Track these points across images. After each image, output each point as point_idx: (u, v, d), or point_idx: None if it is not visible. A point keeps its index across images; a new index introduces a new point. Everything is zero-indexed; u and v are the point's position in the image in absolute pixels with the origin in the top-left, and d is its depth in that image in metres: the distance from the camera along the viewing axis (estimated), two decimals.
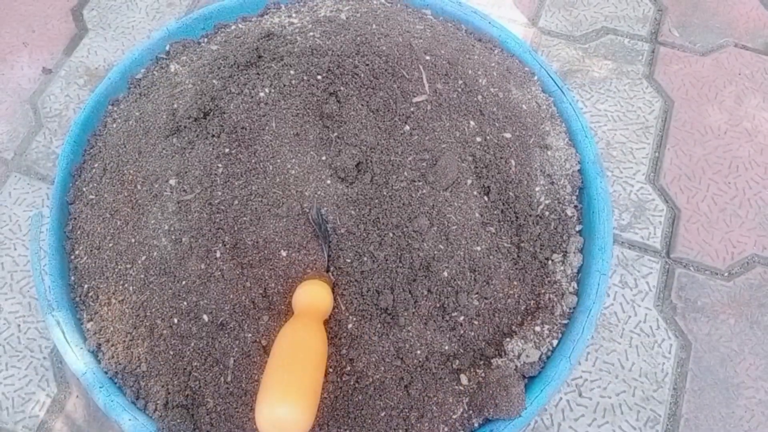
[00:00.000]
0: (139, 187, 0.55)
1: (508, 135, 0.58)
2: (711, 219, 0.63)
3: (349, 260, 0.50)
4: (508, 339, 0.51)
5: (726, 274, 0.61)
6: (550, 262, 0.55)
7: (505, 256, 0.54)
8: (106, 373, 0.51)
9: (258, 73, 0.57)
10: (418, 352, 0.49)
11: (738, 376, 0.56)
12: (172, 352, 0.49)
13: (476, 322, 0.51)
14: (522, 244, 0.55)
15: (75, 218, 0.59)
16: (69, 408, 0.55)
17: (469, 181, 0.55)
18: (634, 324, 0.58)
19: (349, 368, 0.48)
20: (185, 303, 0.50)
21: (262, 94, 0.55)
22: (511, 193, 0.56)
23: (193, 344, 0.49)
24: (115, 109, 0.65)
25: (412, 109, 0.55)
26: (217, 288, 0.50)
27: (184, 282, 0.50)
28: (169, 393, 0.49)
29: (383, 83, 0.56)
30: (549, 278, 0.54)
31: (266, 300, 0.49)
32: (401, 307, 0.49)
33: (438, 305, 0.50)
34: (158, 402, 0.49)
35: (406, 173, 0.53)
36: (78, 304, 0.55)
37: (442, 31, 0.65)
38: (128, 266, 0.52)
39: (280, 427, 0.39)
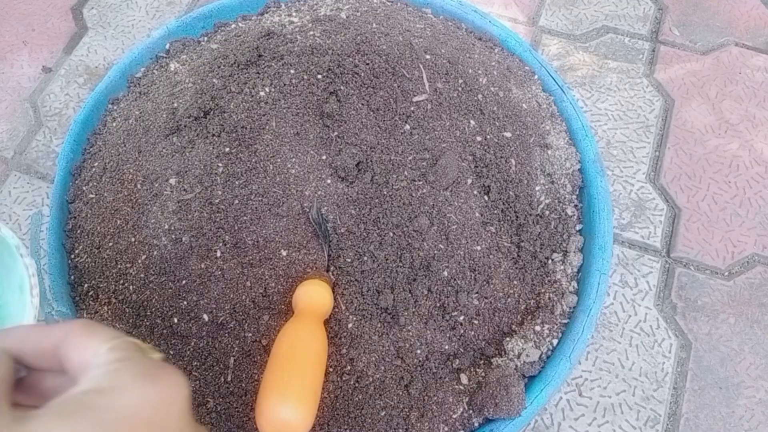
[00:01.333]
0: (139, 186, 0.55)
1: (508, 134, 0.58)
2: (711, 218, 0.63)
3: (349, 260, 0.50)
4: (508, 338, 0.51)
5: (726, 274, 0.61)
6: (550, 261, 0.55)
7: (505, 255, 0.54)
8: None
9: (258, 72, 0.57)
10: (418, 351, 0.49)
11: (738, 376, 0.56)
12: (172, 352, 0.49)
13: (476, 322, 0.51)
14: (522, 244, 0.55)
15: (75, 217, 0.58)
16: None
17: (470, 181, 0.55)
18: (635, 323, 0.58)
19: (349, 368, 0.48)
20: (185, 302, 0.50)
21: (262, 93, 0.55)
22: (511, 193, 0.56)
23: (193, 344, 0.49)
24: (115, 108, 0.65)
25: (412, 109, 0.55)
26: (217, 287, 0.50)
27: (184, 281, 0.50)
28: None
29: (383, 82, 0.56)
30: (549, 277, 0.54)
31: (266, 299, 0.49)
32: (401, 307, 0.49)
33: (438, 305, 0.50)
34: None
35: (406, 173, 0.53)
36: (78, 303, 0.55)
37: (443, 30, 0.65)
38: (128, 265, 0.52)
39: (280, 427, 0.39)
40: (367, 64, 0.56)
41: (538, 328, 0.52)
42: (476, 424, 0.49)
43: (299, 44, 0.57)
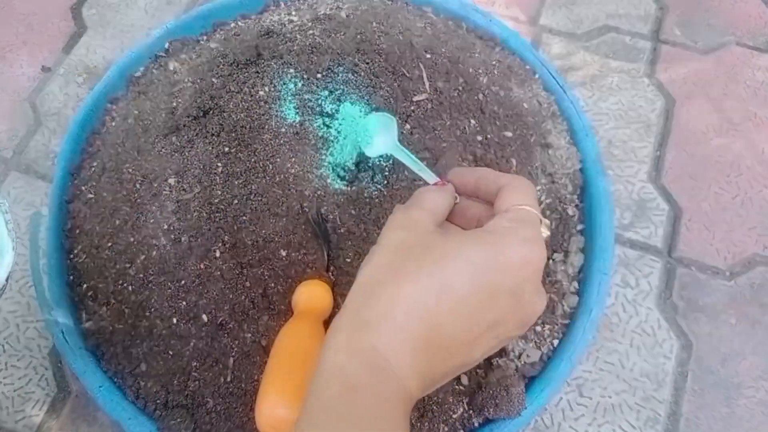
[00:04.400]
0: (138, 186, 0.55)
1: (509, 134, 0.58)
2: (712, 218, 0.63)
3: (349, 260, 0.50)
4: None
5: (728, 274, 0.60)
6: (551, 261, 0.55)
7: None
8: (105, 372, 0.50)
9: (258, 72, 0.57)
10: None
11: (739, 376, 0.56)
12: (171, 352, 0.49)
13: None
14: None
15: (74, 217, 0.58)
16: (68, 408, 0.55)
17: None
18: (636, 324, 0.58)
19: None
20: (184, 303, 0.50)
21: (261, 93, 0.55)
22: None
23: (192, 344, 0.49)
24: (114, 107, 0.65)
25: (412, 108, 0.55)
26: (217, 288, 0.49)
27: (183, 281, 0.50)
28: (169, 393, 0.49)
29: (383, 82, 0.55)
30: (550, 278, 0.54)
31: (266, 300, 0.49)
32: None
33: None
34: (158, 402, 0.49)
35: (406, 172, 0.53)
36: (77, 303, 0.55)
37: (443, 29, 0.65)
38: (127, 266, 0.52)
39: (280, 427, 0.38)
40: (367, 63, 0.56)
41: (538, 328, 0.52)
42: (476, 425, 0.49)
43: (299, 43, 0.57)
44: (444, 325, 0.29)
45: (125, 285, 0.52)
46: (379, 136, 0.48)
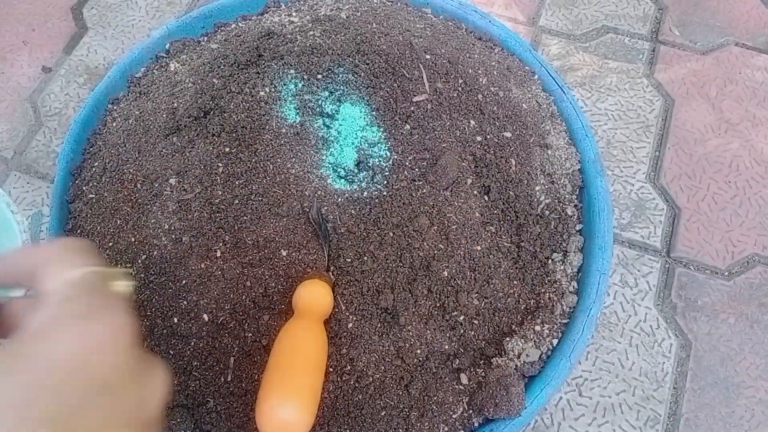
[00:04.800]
0: (139, 186, 0.55)
1: (508, 134, 0.58)
2: (711, 218, 0.63)
3: (349, 260, 0.50)
4: (508, 338, 0.51)
5: (726, 274, 0.61)
6: (550, 261, 0.55)
7: (505, 255, 0.54)
8: None
9: (258, 72, 0.57)
10: (418, 351, 0.49)
11: (738, 376, 0.56)
12: (172, 352, 0.49)
13: (476, 322, 0.51)
14: (522, 244, 0.55)
15: (75, 217, 0.58)
16: None
17: (470, 181, 0.55)
18: (635, 323, 0.58)
19: (349, 368, 0.48)
20: (185, 302, 0.50)
21: (262, 93, 0.55)
22: (511, 193, 0.56)
23: (193, 344, 0.49)
24: (115, 108, 0.65)
25: (412, 109, 0.55)
26: (218, 287, 0.50)
27: (184, 281, 0.50)
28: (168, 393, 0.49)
29: (383, 82, 0.56)
30: (549, 277, 0.54)
31: (266, 299, 0.49)
32: (401, 307, 0.49)
33: (438, 305, 0.50)
34: None
35: (406, 172, 0.53)
36: None
37: (443, 30, 0.65)
38: (128, 265, 0.52)
39: (280, 427, 0.39)
40: (367, 64, 0.56)
41: (538, 328, 0.52)
42: (476, 424, 0.49)
43: (299, 44, 0.57)
44: None
45: None
46: None
